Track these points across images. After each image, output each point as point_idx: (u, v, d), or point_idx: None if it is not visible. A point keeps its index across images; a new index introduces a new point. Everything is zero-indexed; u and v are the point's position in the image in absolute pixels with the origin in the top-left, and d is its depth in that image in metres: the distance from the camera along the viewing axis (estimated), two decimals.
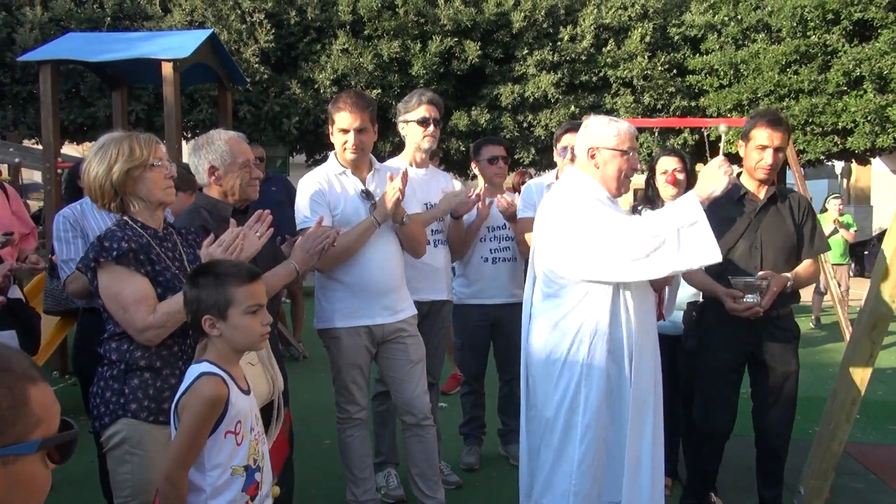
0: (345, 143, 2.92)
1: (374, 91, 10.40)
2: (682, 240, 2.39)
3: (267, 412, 2.16)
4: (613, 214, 2.53)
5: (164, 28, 9.92)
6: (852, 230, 8.94)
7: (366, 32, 10.73)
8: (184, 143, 8.25)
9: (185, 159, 3.94)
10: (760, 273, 2.99)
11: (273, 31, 10.33)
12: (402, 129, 3.44)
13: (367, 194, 2.97)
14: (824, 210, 9.32)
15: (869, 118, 10.17)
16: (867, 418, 4.70)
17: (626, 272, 2.46)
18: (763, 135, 3.03)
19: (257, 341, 1.88)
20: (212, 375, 1.77)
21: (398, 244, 3.06)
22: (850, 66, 10.22)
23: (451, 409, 4.53)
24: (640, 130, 11.80)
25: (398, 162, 3.44)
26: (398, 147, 3.60)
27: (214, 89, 8.61)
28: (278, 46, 10.58)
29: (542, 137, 11.26)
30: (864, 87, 10.30)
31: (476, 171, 4.04)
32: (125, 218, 2.13)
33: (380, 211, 2.88)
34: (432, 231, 3.45)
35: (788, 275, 3.05)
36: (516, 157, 11.30)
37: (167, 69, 5.48)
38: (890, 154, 12.52)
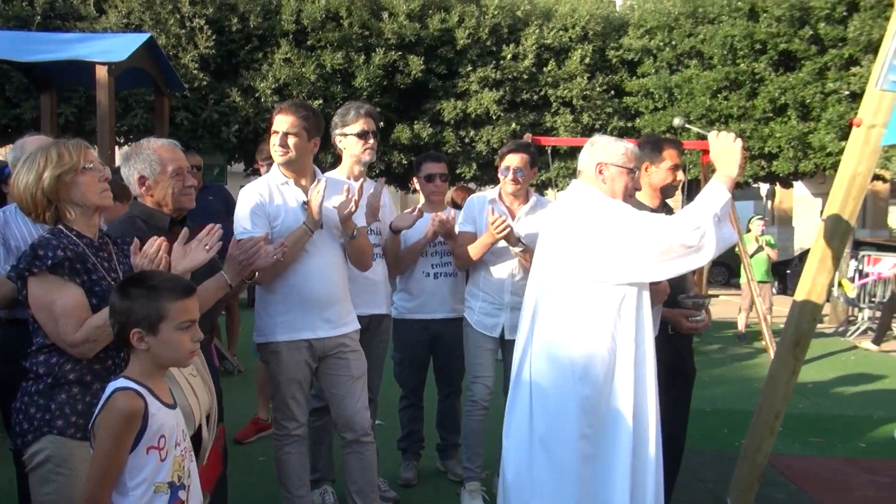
0: (273, 144, 2.90)
1: (317, 101, 10.32)
2: (718, 225, 2.47)
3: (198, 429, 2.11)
4: (652, 214, 2.64)
5: (98, 30, 9.61)
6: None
7: (309, 42, 10.65)
8: (117, 149, 7.99)
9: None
10: (696, 291, 3.15)
11: (214, 37, 10.13)
12: (340, 142, 3.42)
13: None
14: (748, 230, 9.76)
15: (792, 144, 10.68)
16: (789, 431, 4.90)
17: (676, 266, 2.50)
18: (675, 155, 3.24)
19: (185, 358, 1.83)
20: (125, 390, 1.72)
21: (342, 256, 3.04)
22: (776, 94, 10.73)
23: (388, 424, 4.51)
24: (579, 149, 12.10)
25: (336, 175, 3.42)
26: (339, 159, 3.56)
27: (150, 94, 8.38)
28: (219, 53, 10.38)
29: (484, 153, 11.39)
30: (788, 114, 10.82)
31: (417, 186, 4.06)
32: (59, 226, 2.05)
33: (309, 217, 2.85)
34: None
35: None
36: (458, 171, 11.39)
37: (101, 72, 5.31)
38: (811, 178, 13.17)
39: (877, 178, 10.59)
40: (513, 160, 3.56)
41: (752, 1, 10.84)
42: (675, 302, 3.12)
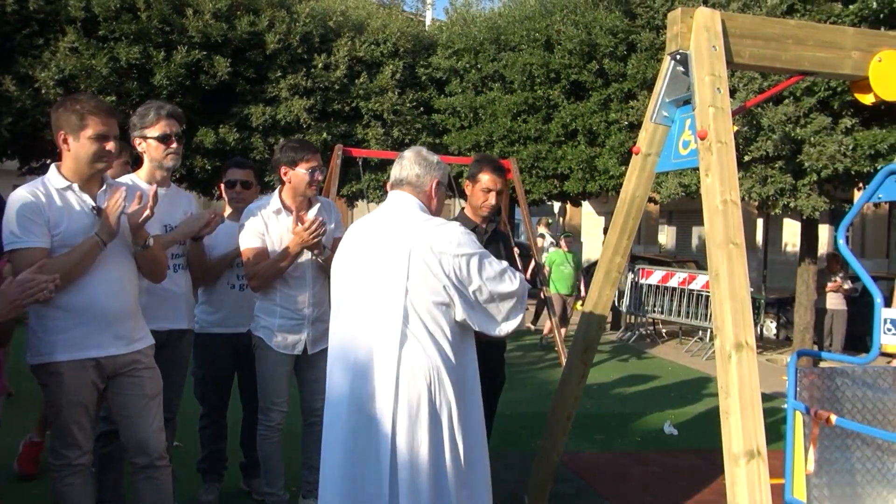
0: (101, 152, 2.59)
1: (109, 98, 9.49)
2: None
3: None
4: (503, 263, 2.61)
5: None
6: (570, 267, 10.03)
7: (101, 33, 9.77)
8: None
9: None
10: None
11: None
12: (139, 144, 3.16)
13: (98, 212, 2.67)
14: (557, 245, 10.50)
15: (581, 166, 11.71)
16: (577, 429, 5.33)
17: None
18: (488, 179, 3.43)
19: None
20: None
21: (134, 266, 2.80)
22: (568, 120, 11.71)
23: (187, 445, 4.23)
24: (390, 162, 12.33)
25: (135, 179, 3.16)
26: (135, 162, 3.29)
27: None
28: None
29: None
30: (578, 139, 11.86)
31: (223, 192, 3.89)
32: None
33: (104, 228, 2.59)
34: (172, 255, 3.22)
35: None
36: (266, 180, 11.05)
37: None
38: (596, 198, 14.52)
39: (650, 200, 11.92)
40: (313, 162, 3.40)
41: (547, 33, 11.77)
42: None
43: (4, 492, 2.95)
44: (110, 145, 2.62)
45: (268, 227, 3.38)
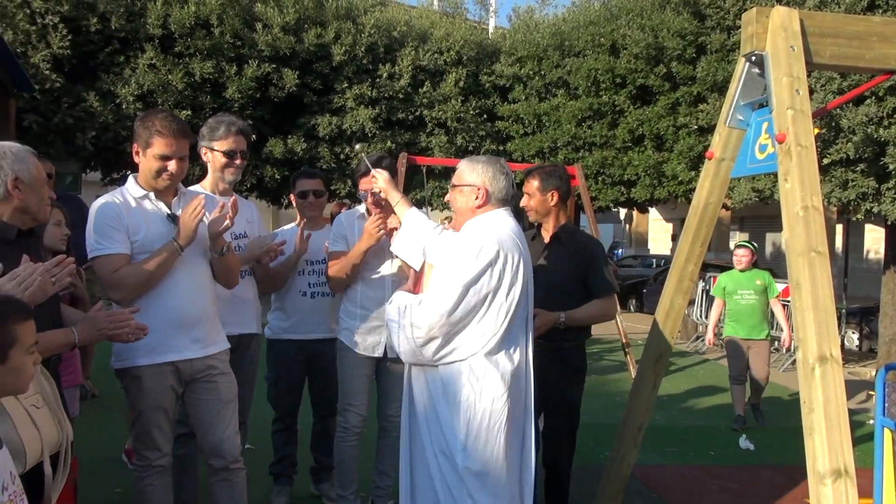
0: (162, 170, 2.70)
1: (184, 112, 9.87)
2: None
3: (51, 462, 1.91)
4: None
5: None
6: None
7: (177, 49, 10.19)
8: None
9: None
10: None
11: (69, 36, 9.44)
12: (205, 154, 3.27)
13: (173, 219, 2.77)
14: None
15: (648, 172, 11.47)
16: (648, 442, 5.18)
17: None
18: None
19: (26, 384, 1.68)
20: None
21: (209, 272, 2.89)
22: (634, 125, 11.49)
23: (260, 447, 4.33)
24: (453, 170, 12.38)
25: (200, 189, 3.27)
26: (205, 172, 3.40)
27: None
28: (74, 54, 9.68)
29: None
30: (645, 144, 11.62)
31: (293, 201, 3.97)
32: None
33: (182, 234, 2.69)
34: None
35: (561, 313, 3.22)
36: (333, 188, 11.27)
37: None
38: (664, 204, 14.18)
39: (722, 206, 11.60)
40: (368, 185, 3.28)
41: (613, 38, 11.60)
42: None
43: (88, 493, 3.09)
44: (172, 165, 2.69)
45: (352, 231, 3.46)
